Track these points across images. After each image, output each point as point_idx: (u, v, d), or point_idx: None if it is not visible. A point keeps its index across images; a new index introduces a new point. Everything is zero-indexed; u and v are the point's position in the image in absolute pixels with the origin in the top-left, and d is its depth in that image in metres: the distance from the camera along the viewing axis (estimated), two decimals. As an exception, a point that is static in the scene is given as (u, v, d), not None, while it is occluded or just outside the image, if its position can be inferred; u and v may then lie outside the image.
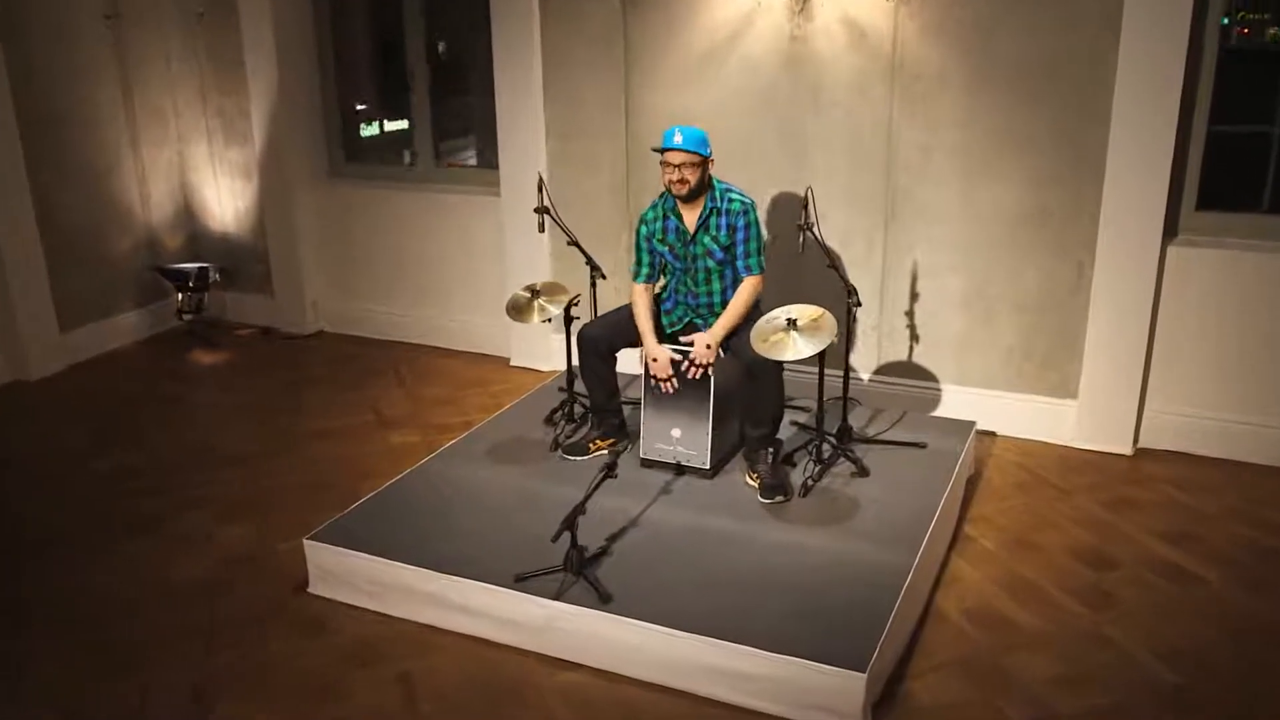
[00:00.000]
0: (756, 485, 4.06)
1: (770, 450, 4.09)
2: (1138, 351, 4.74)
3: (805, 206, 3.78)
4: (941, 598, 3.71)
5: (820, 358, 4.05)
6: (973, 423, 4.70)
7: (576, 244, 4.58)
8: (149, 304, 6.86)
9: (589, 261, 4.65)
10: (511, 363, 6.16)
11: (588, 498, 3.48)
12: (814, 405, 4.71)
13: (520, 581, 3.46)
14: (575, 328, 4.43)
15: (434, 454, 4.56)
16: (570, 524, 3.43)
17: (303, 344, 6.66)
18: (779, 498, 3.97)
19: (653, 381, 4.16)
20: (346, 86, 6.62)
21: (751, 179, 4.99)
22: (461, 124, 6.54)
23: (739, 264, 4.12)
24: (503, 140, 5.79)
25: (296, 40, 6.37)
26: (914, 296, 5.11)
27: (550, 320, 4.51)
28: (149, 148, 6.76)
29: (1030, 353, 4.97)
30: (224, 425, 5.42)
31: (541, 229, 4.43)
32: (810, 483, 4.07)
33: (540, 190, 4.34)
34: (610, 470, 3.57)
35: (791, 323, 3.82)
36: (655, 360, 4.13)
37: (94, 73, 6.39)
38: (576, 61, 5.55)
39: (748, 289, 4.11)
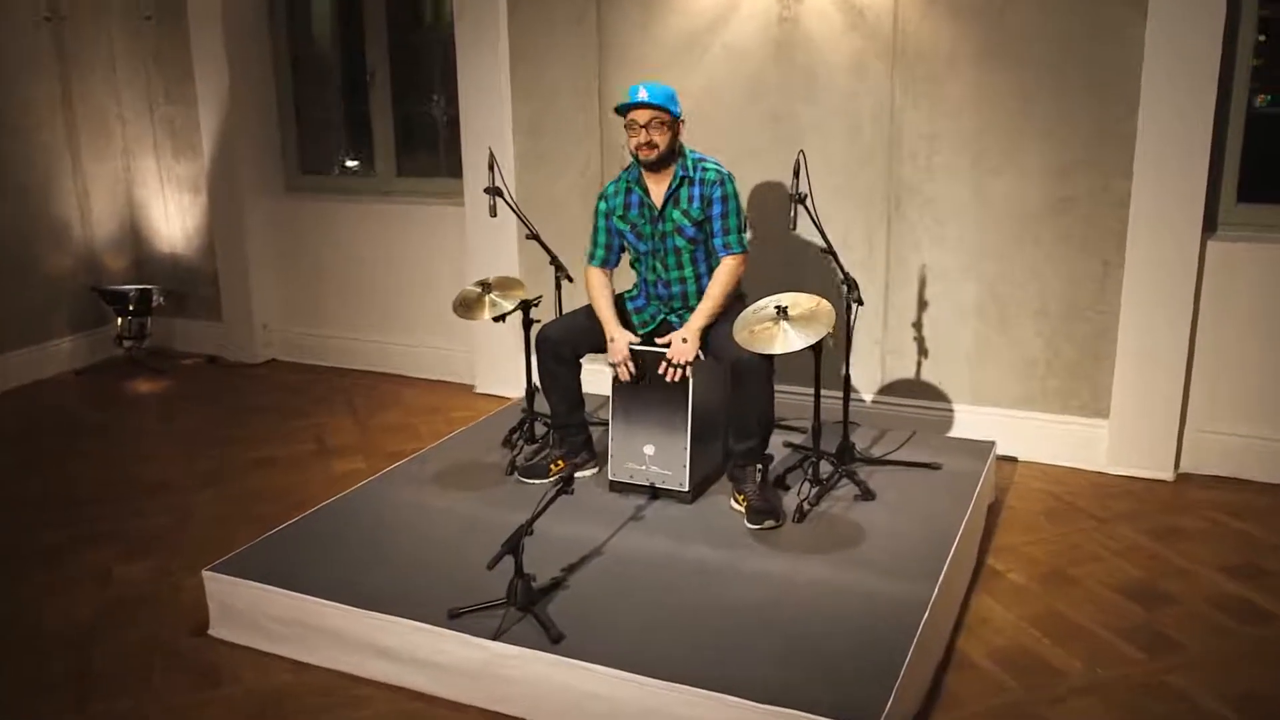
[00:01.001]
0: (743, 509, 3.46)
1: (759, 467, 3.50)
2: (1176, 363, 4.17)
3: (797, 173, 3.23)
4: (966, 640, 3.10)
5: (816, 358, 3.48)
6: (992, 442, 4.12)
7: (537, 237, 4.03)
8: (87, 329, 6.30)
9: (553, 260, 4.10)
10: (476, 389, 5.59)
11: (537, 516, 2.89)
12: (808, 424, 4.15)
13: (455, 619, 2.85)
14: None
15: (373, 477, 3.97)
16: (513, 547, 2.83)
17: (251, 373, 6.09)
18: (769, 523, 3.37)
19: (612, 370, 3.59)
20: (305, 93, 6.12)
21: (739, 175, 4.39)
22: (424, 132, 6.02)
23: (717, 242, 3.58)
24: (466, 142, 5.27)
25: (250, 45, 5.90)
26: (921, 305, 4.56)
27: (504, 319, 3.94)
28: (91, 161, 6.26)
29: (1054, 366, 4.40)
30: (151, 455, 4.83)
31: (493, 213, 3.89)
32: (806, 506, 3.48)
33: (491, 168, 3.81)
34: (566, 485, 2.98)
35: (781, 310, 3.26)
36: (613, 341, 3.57)
37: (31, 78, 5.90)
38: (546, 53, 5.06)
39: (727, 270, 3.57)
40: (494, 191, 3.81)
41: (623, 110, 3.49)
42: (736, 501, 3.53)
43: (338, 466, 4.55)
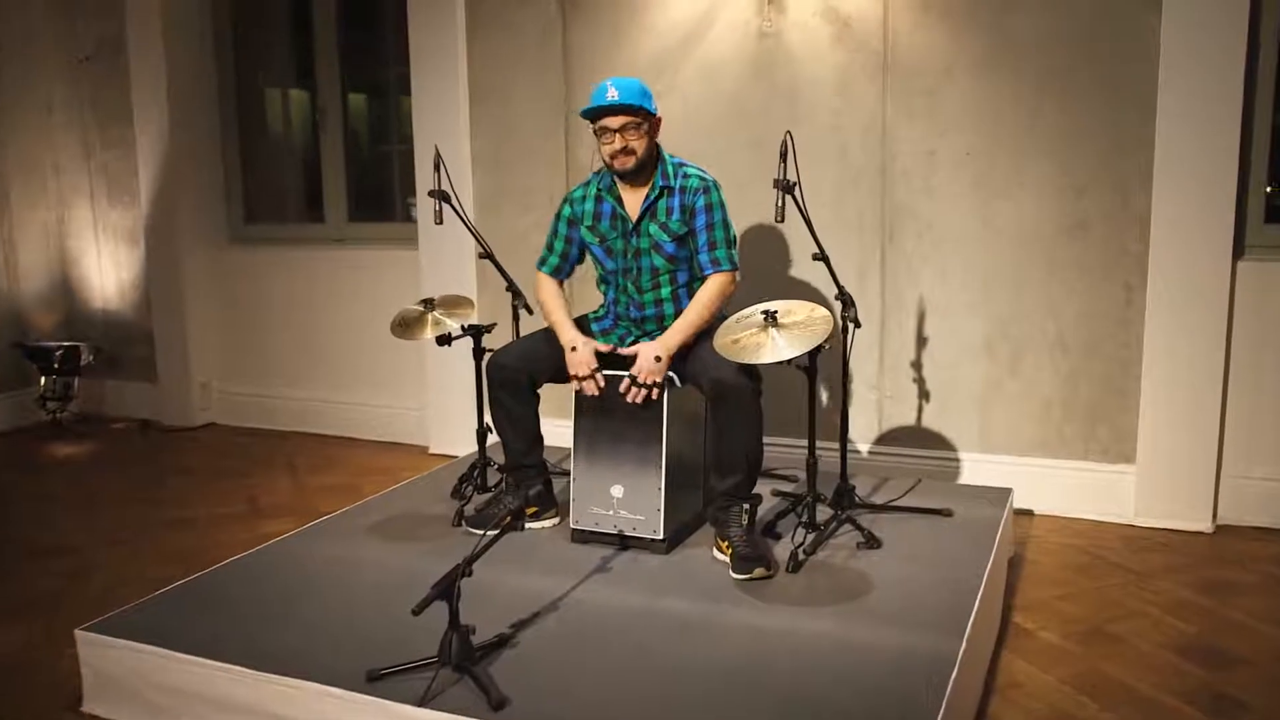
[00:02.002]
0: (728, 557, 2.94)
1: (746, 507, 2.99)
2: (1210, 401, 3.73)
3: (784, 157, 2.80)
4: (998, 706, 2.56)
5: (810, 381, 3.00)
6: (1009, 489, 3.62)
7: (490, 257, 3.58)
8: (10, 390, 5.75)
9: (510, 286, 3.64)
10: (430, 450, 5.07)
11: (477, 554, 2.36)
12: (797, 473, 3.67)
13: (374, 681, 2.29)
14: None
15: (300, 529, 3.42)
16: (447, 591, 2.29)
17: (188, 437, 5.55)
18: (759, 571, 2.85)
19: (575, 385, 3.10)
20: (252, 136, 5.71)
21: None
22: (379, 175, 5.61)
23: (702, 258, 3.12)
24: (421, 182, 4.85)
25: (193, 86, 5.51)
26: (921, 342, 4.11)
27: (449, 341, 3.45)
28: (21, 209, 5.80)
29: (1072, 407, 3.94)
30: (55, 517, 4.26)
31: (439, 219, 3.43)
32: (802, 555, 2.95)
33: (438, 169, 3.36)
34: (515, 519, 2.46)
35: (770, 316, 2.79)
36: (574, 350, 3.08)
37: (-46, 119, 5.49)
38: (507, 80, 4.68)
39: (715, 287, 3.11)
40: (440, 196, 3.37)
41: (591, 115, 3.07)
42: (720, 549, 3.01)
43: (266, 528, 3.99)
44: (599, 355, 3.11)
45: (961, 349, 4.06)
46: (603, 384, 3.08)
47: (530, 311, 3.68)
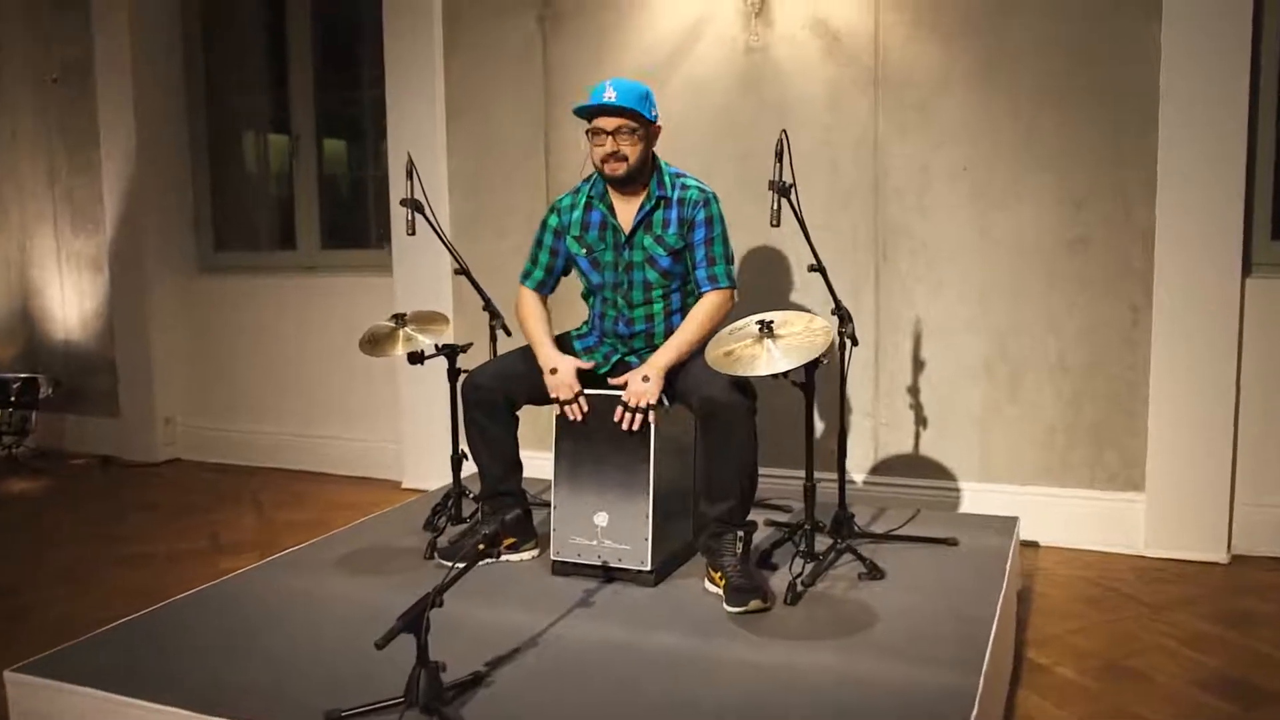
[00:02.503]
0: (721, 589, 2.73)
1: (740, 534, 2.78)
2: (1222, 424, 3.56)
3: (779, 157, 2.64)
4: (1018, 748, 2.35)
5: (808, 398, 2.82)
6: (1014, 518, 3.43)
7: (466, 273, 3.40)
8: (-38, 427, 5.49)
9: (487, 305, 3.45)
10: (404, 485, 4.84)
11: (449, 583, 2.15)
12: (791, 503, 3.48)
13: (331, 725, 2.07)
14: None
15: (260, 562, 3.20)
16: (414, 624, 2.07)
17: (150, 473, 5.30)
18: (755, 603, 2.64)
19: (557, 410, 2.90)
20: (223, 161, 5.53)
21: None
22: (354, 200, 5.43)
23: (699, 274, 2.93)
24: (396, 205, 4.67)
25: (162, 110, 5.34)
26: (917, 366, 3.94)
27: (422, 359, 3.24)
28: (-20, 238, 5.59)
29: (1076, 432, 3.76)
30: (2, 554, 4.00)
31: (411, 230, 3.24)
32: (800, 586, 2.74)
33: (410, 176, 3.18)
34: (490, 545, 2.25)
35: (766, 327, 2.60)
36: (554, 372, 2.88)
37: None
38: (486, 98, 4.53)
39: (711, 305, 2.92)
40: (412, 205, 3.18)
41: (585, 114, 2.90)
42: (712, 581, 2.80)
43: (227, 564, 3.75)
44: (581, 375, 2.91)
45: (959, 371, 3.89)
46: (586, 408, 2.88)
47: (509, 333, 3.49)
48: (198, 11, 5.39)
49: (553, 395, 2.91)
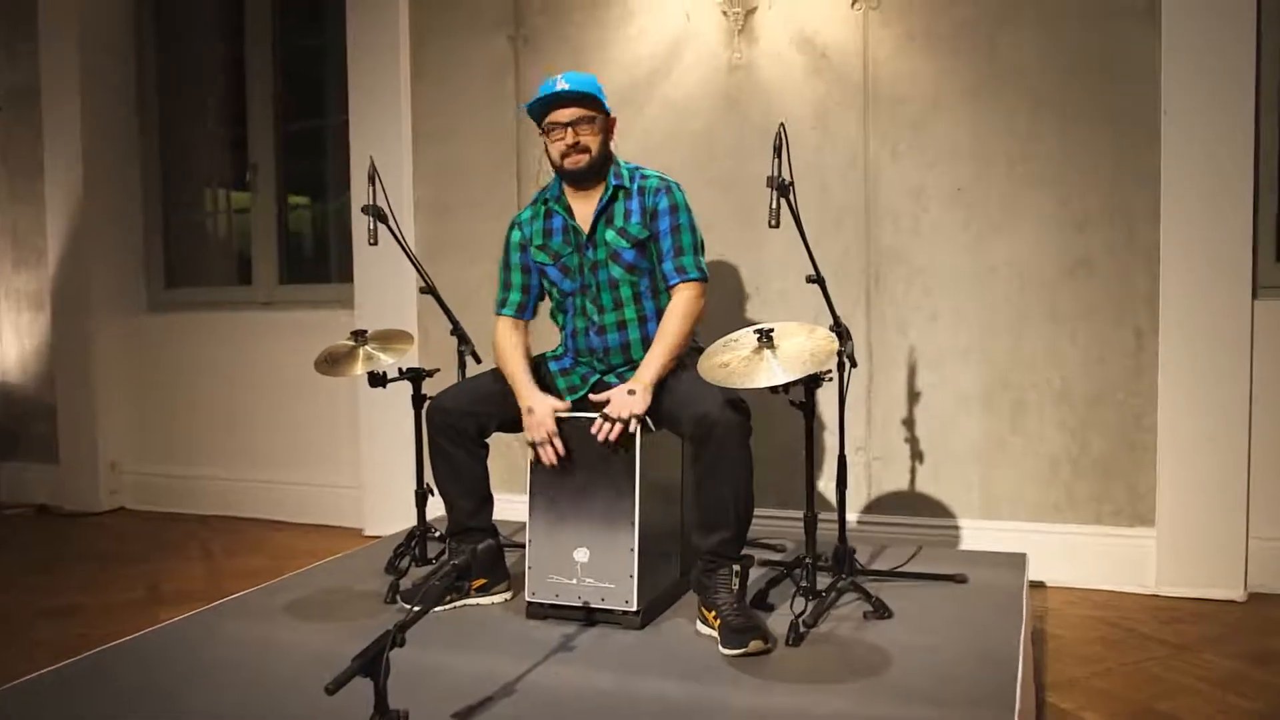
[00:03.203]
0: (716, 629, 2.46)
1: (737, 569, 2.52)
2: (1235, 454, 3.36)
3: (778, 152, 2.43)
4: (1056, 802, 2.09)
5: (807, 419, 2.59)
6: (1022, 554, 3.21)
7: (433, 292, 3.16)
8: (-112, 475, 5.13)
9: (455, 329, 3.20)
10: (365, 532, 4.53)
11: (411, 620, 1.88)
12: (784, 542, 3.25)
13: (274, 787, 1.78)
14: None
15: (202, 608, 2.89)
16: (371, 667, 1.79)
17: (91, 522, 4.96)
18: (755, 644, 2.38)
19: (530, 454, 2.65)
20: (176, 193, 5.26)
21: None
22: (314, 232, 5.18)
23: (666, 266, 2.73)
24: (358, 235, 4.43)
25: (112, 139, 5.08)
26: (913, 397, 3.72)
27: (384, 381, 2.98)
28: (-87, 274, 5.27)
29: (1081, 464, 3.56)
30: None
31: (373, 240, 3.00)
32: (803, 627, 2.48)
33: (372, 181, 2.95)
34: (460, 575, 1.99)
35: (765, 336, 2.37)
36: (531, 412, 2.63)
37: None
38: (455, 122, 4.33)
39: (683, 302, 2.71)
40: (374, 212, 2.94)
41: (537, 110, 2.71)
42: (705, 621, 2.53)
43: (167, 615, 3.41)
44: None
45: (957, 403, 3.68)
46: (562, 451, 2.63)
47: (478, 359, 3.24)
48: (151, 37, 5.17)
49: (528, 438, 2.67)
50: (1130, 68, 3.43)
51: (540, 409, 2.65)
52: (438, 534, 3.14)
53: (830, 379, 2.54)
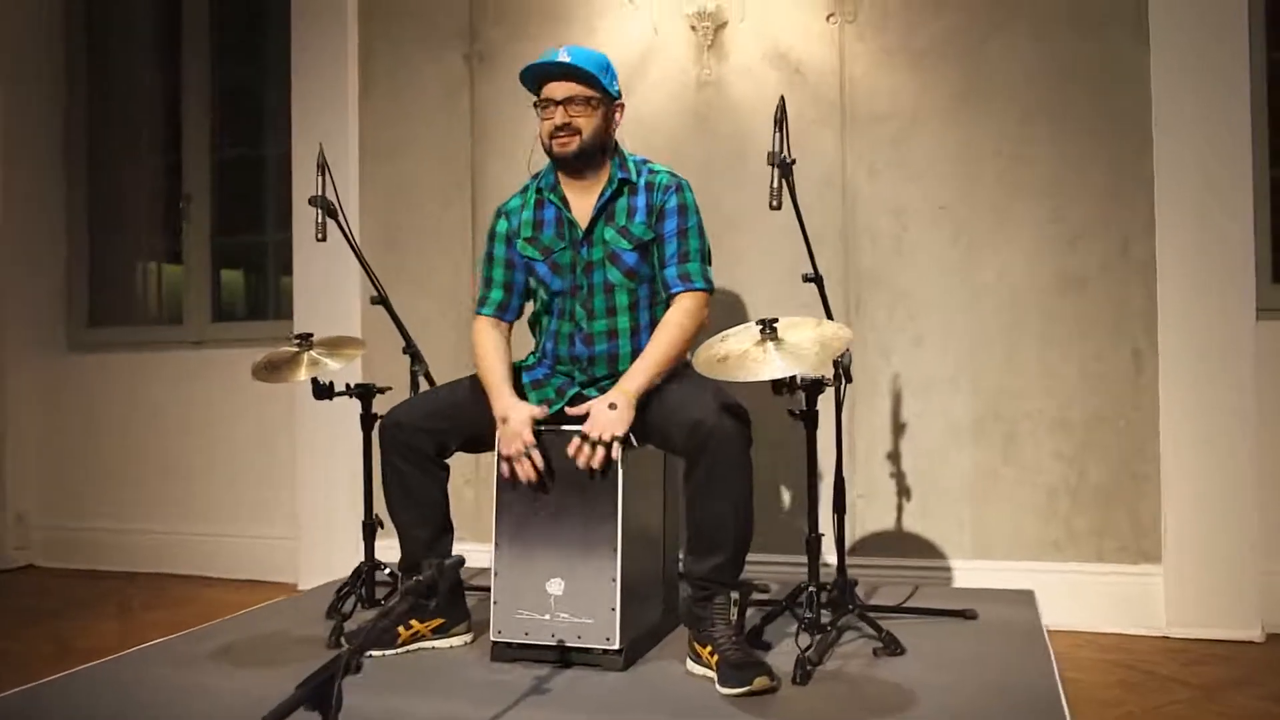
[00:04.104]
0: (712, 666, 2.16)
1: (735, 597, 2.23)
2: (1243, 484, 3.16)
3: (780, 125, 2.21)
4: None
5: (809, 430, 2.33)
6: (1029, 590, 2.96)
7: (385, 302, 2.87)
8: None
9: (408, 347, 2.92)
10: (300, 587, 4.14)
11: (371, 641, 1.57)
12: (768, 584, 2.98)
13: None
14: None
15: (112, 656, 2.52)
16: (319, 696, 1.47)
17: (-3, 581, 4.49)
18: (759, 681, 2.09)
19: (503, 468, 2.35)
20: (103, 229, 4.91)
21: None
22: (250, 265, 4.85)
23: (668, 273, 2.47)
24: (299, 262, 4.14)
25: (32, 165, 4.74)
26: (898, 429, 3.49)
27: (330, 393, 2.68)
28: None
29: (1081, 496, 3.34)
30: None
31: (322, 236, 2.71)
32: (809, 664, 2.19)
33: (322, 172, 2.67)
34: (426, 593, 1.68)
35: (768, 327, 2.12)
36: (505, 422, 2.33)
37: None
38: (404, 144, 4.08)
39: (684, 313, 2.44)
40: (322, 204, 2.66)
41: (530, 80, 2.47)
42: (699, 658, 2.24)
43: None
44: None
45: (946, 433, 3.45)
46: (541, 465, 2.33)
47: (431, 381, 2.95)
48: (82, 65, 4.86)
49: (502, 450, 2.36)
50: (1120, 78, 3.30)
51: (516, 418, 2.35)
52: (387, 571, 2.80)
53: (829, 384, 2.29)
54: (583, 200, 2.51)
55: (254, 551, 4.37)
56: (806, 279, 2.44)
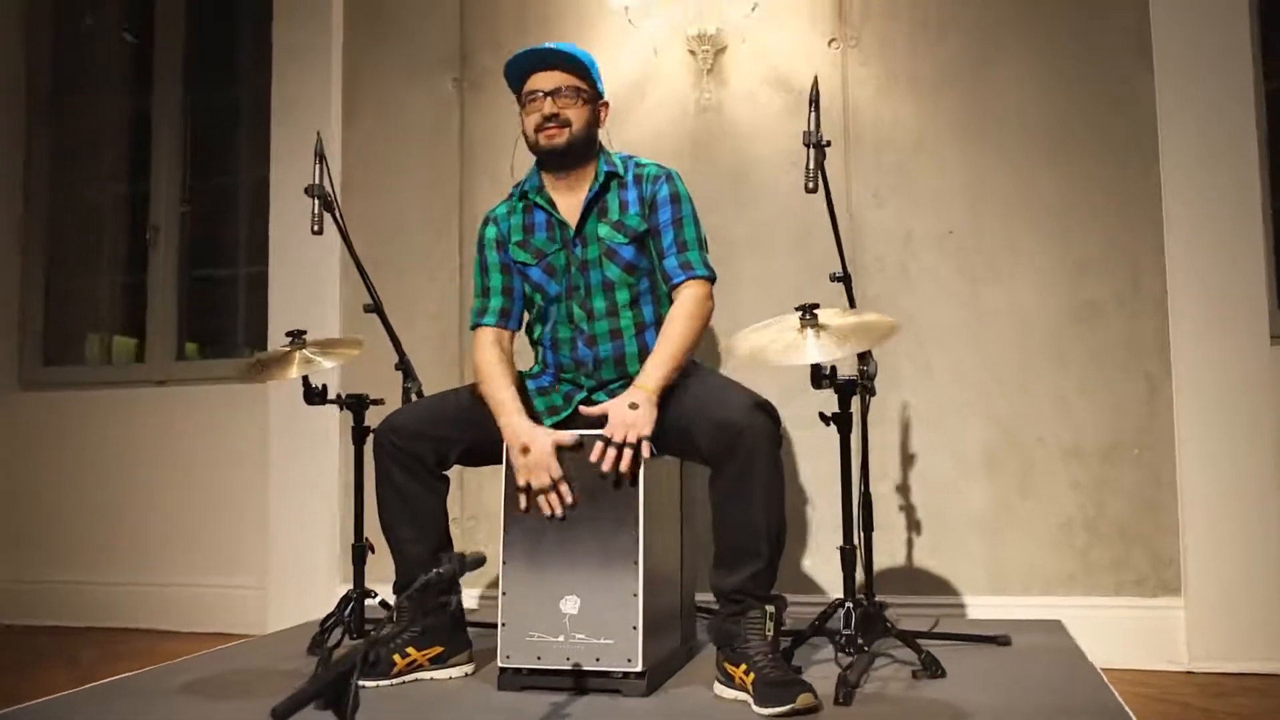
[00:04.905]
0: (748, 685, 1.98)
1: (770, 610, 2.06)
2: (1266, 510, 3.06)
3: (815, 103, 2.11)
4: None
5: (842, 433, 2.19)
6: (1056, 620, 2.82)
7: (379, 310, 2.69)
8: None
9: (400, 363, 2.74)
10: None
11: (391, 637, 1.38)
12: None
13: None
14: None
15: (74, 689, 2.28)
16: (334, 692, 1.28)
17: (-66, 640, 4.16)
18: (803, 699, 1.91)
19: (521, 502, 2.16)
20: (60, 258, 4.69)
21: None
22: (220, 301, 4.64)
23: (668, 263, 2.35)
24: (275, 290, 3.96)
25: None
26: (907, 460, 3.36)
27: (324, 398, 2.49)
28: None
29: (1098, 528, 3.21)
30: None
31: (319, 229, 2.55)
32: (851, 685, 2.01)
33: (319, 160, 2.52)
34: (447, 584, 1.50)
35: (808, 313, 1.99)
36: (526, 451, 2.15)
37: None
38: (391, 172, 3.95)
39: (692, 301, 2.31)
40: (318, 193, 2.50)
41: (515, 72, 2.36)
42: (730, 679, 2.05)
43: (25, 722, 2.74)
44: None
45: (957, 465, 3.33)
46: (570, 501, 2.16)
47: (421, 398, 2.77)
48: (48, 90, 4.69)
49: (524, 481, 2.18)
50: (1124, 105, 3.27)
51: (539, 447, 2.16)
52: (380, 600, 2.59)
53: (870, 390, 2.16)
54: (569, 199, 2.40)
55: (217, 602, 4.10)
56: (834, 278, 2.32)
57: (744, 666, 2.00)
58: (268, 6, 4.09)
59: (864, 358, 2.42)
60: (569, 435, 2.19)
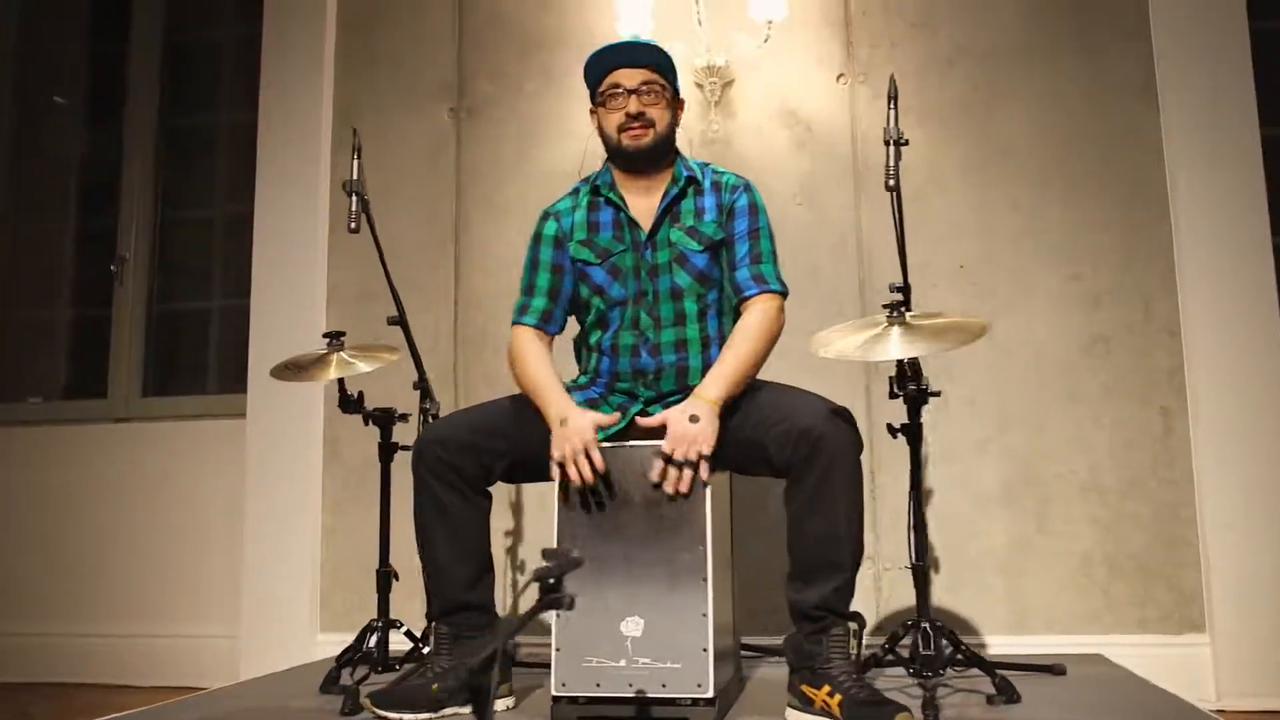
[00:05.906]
0: (833, 707, 1.85)
1: (855, 628, 1.94)
2: (1284, 542, 3.06)
3: (893, 101, 2.07)
4: None
5: (912, 449, 2.12)
6: (1099, 654, 2.74)
7: (401, 322, 2.55)
8: None
9: (419, 381, 2.61)
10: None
11: (515, 631, 1.24)
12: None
13: None
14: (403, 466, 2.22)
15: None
16: (476, 682, 1.13)
17: None
18: (900, 717, 1.77)
19: (553, 470, 2.03)
20: (17, 292, 4.44)
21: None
22: (188, 336, 4.41)
23: (740, 275, 2.25)
24: (256, 324, 3.78)
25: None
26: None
27: (359, 408, 2.33)
28: None
29: (1118, 563, 3.17)
30: None
31: (354, 226, 2.40)
32: (929, 705, 1.91)
33: (356, 155, 2.39)
34: (556, 598, 1.37)
35: (896, 311, 1.92)
36: (565, 423, 2.03)
37: None
38: (384, 202, 3.79)
39: (764, 315, 2.22)
40: (355, 189, 2.38)
41: (596, 70, 2.28)
42: (808, 703, 1.92)
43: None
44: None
45: (975, 501, 3.27)
46: (601, 468, 2.03)
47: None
48: (9, 114, 4.48)
49: (558, 452, 2.04)
50: (1132, 141, 3.32)
51: (577, 420, 2.05)
52: (405, 630, 2.40)
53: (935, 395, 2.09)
54: (644, 200, 2.30)
55: (182, 653, 3.83)
56: (894, 289, 2.26)
57: (827, 688, 1.88)
58: (256, 40, 3.96)
59: (918, 373, 2.36)
60: (613, 418, 2.09)
